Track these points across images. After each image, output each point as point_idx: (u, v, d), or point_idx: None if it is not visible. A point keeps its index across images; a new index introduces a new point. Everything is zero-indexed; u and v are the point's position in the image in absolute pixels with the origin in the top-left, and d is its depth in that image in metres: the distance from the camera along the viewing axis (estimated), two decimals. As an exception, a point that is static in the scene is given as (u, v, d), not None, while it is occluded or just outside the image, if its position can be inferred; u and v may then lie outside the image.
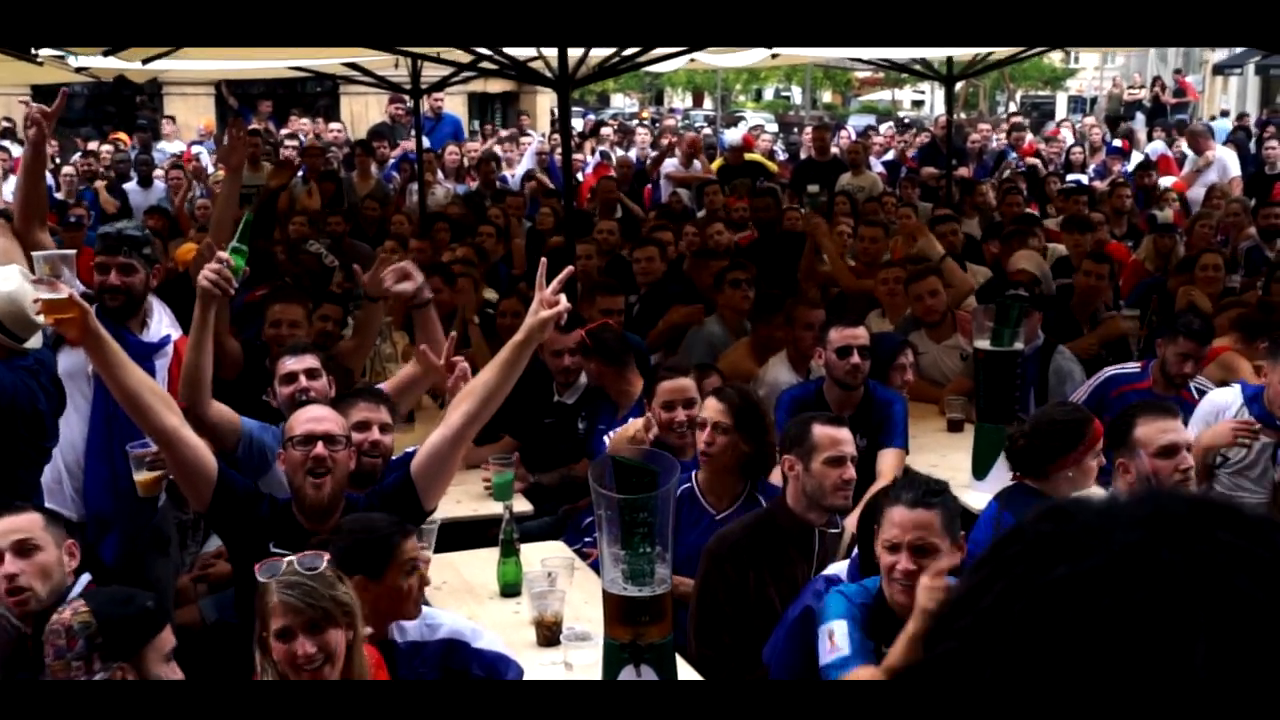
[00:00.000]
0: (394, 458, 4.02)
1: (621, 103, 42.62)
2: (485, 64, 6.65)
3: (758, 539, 3.72)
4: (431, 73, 9.76)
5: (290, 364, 4.31)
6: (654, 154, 13.01)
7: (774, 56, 9.62)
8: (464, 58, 6.84)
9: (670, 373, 4.62)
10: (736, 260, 7.05)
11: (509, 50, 6.63)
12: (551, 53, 6.29)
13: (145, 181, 11.43)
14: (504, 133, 15.53)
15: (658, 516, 3.23)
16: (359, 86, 12.16)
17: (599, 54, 6.53)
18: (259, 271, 7.01)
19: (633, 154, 13.43)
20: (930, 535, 3.07)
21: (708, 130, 22.57)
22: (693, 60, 9.31)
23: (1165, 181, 11.09)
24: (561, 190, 8.16)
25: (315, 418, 3.58)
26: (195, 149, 13.87)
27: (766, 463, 4.19)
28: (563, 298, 3.44)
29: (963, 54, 9.77)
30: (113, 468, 4.18)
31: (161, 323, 4.38)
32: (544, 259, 3.61)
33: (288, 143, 12.45)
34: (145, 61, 7.25)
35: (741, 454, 4.12)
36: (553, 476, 5.27)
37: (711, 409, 4.16)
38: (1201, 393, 5.24)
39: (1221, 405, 4.88)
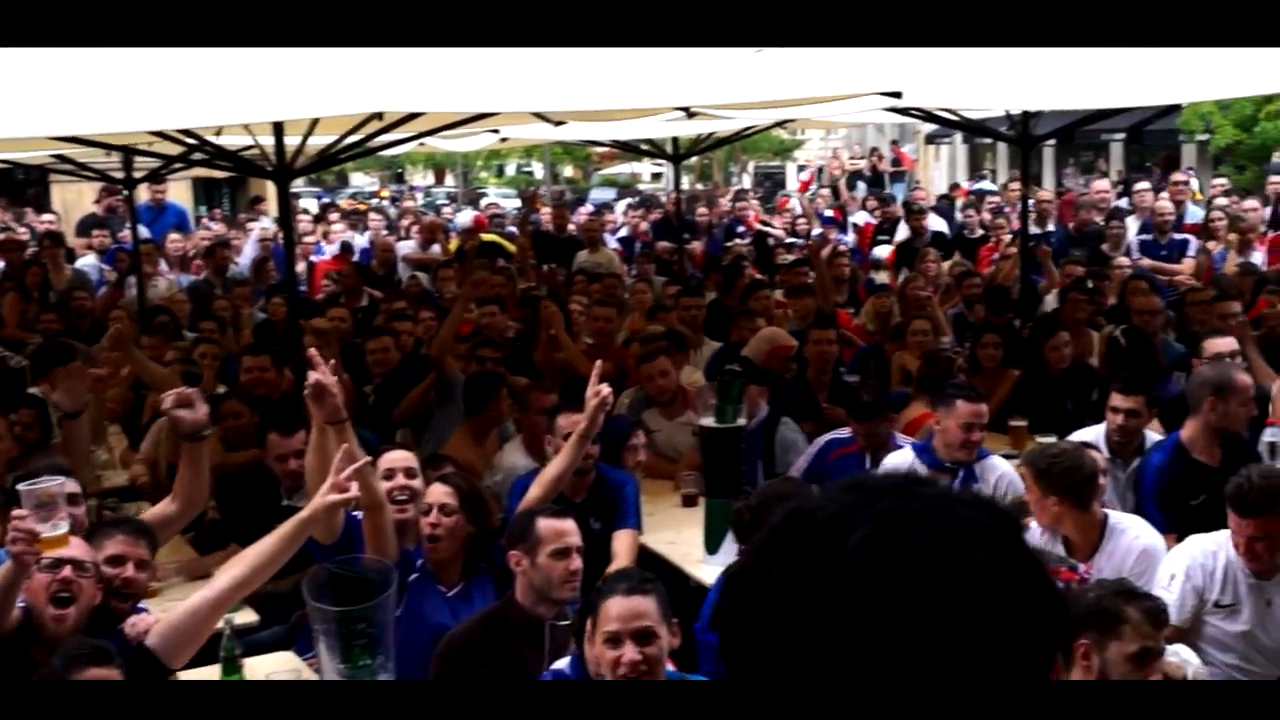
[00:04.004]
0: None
1: (361, 181, 42.10)
2: (197, 154, 6.40)
3: (488, 636, 3.69)
4: (146, 162, 9.35)
5: None
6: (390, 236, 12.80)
7: (503, 141, 9.70)
8: (174, 149, 6.55)
9: (390, 446, 4.64)
10: (484, 340, 7.01)
11: (221, 141, 6.41)
12: (268, 141, 6.08)
13: None
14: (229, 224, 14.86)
15: (378, 627, 3.14)
16: (71, 176, 11.48)
17: (318, 142, 6.36)
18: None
19: (368, 238, 13.10)
20: (649, 621, 3.10)
21: (449, 210, 22.45)
22: (422, 144, 9.24)
23: (880, 252, 11.74)
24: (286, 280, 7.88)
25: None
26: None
27: (488, 544, 4.25)
28: (354, 485, 3.47)
29: (687, 133, 10.12)
30: None
31: None
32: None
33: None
34: None
35: (468, 535, 4.21)
36: (285, 584, 5.05)
37: (437, 493, 4.22)
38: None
39: (894, 468, 5.15)
